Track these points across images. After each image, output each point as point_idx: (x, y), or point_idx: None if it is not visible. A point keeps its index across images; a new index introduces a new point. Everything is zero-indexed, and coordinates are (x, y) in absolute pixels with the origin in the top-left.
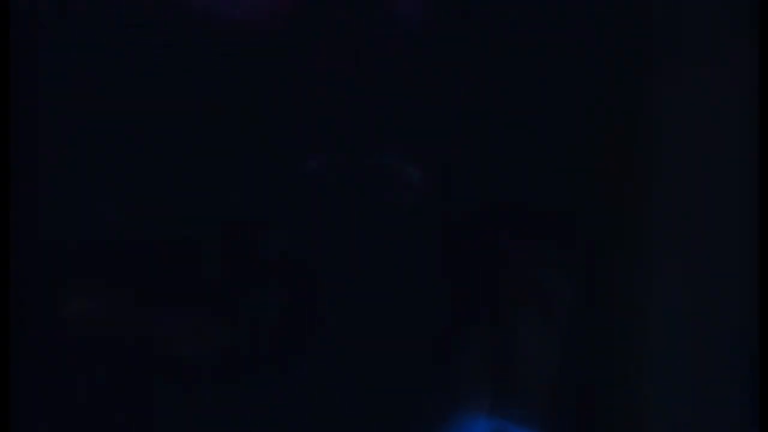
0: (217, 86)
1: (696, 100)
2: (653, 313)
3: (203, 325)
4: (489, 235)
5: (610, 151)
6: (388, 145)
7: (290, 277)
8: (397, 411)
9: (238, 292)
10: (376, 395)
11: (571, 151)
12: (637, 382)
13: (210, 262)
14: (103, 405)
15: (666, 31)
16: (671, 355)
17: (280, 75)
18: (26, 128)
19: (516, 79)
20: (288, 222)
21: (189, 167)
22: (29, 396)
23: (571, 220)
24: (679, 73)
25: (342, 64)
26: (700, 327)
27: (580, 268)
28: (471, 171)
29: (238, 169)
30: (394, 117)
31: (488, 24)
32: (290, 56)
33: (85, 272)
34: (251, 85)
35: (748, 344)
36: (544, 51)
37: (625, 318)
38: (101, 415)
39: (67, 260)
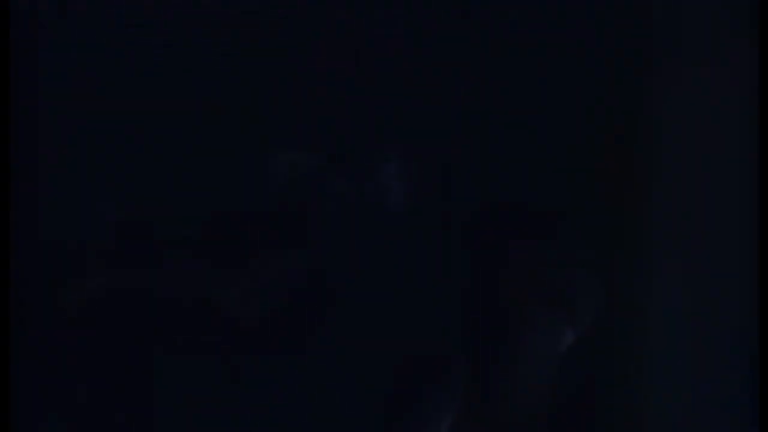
0: (216, 86)
1: (696, 100)
2: (653, 313)
3: (203, 325)
4: (489, 235)
5: (610, 151)
6: (388, 145)
7: (290, 277)
8: (397, 411)
9: (238, 292)
10: (375, 395)
11: (571, 151)
12: (637, 382)
13: (209, 261)
14: (102, 404)
15: (666, 31)
16: (671, 355)
17: (280, 75)
18: (26, 128)
19: (516, 79)
20: (288, 222)
21: (189, 167)
22: (29, 395)
23: (571, 220)
24: (679, 73)
25: (342, 64)
26: (700, 327)
27: (580, 268)
28: (471, 171)
29: (237, 168)
30: (394, 117)
31: (488, 24)
32: (290, 56)
33: (85, 272)
34: (251, 84)
35: (748, 344)
36: (544, 51)
37: (625, 318)
38: (101, 414)
39: (67, 260)
